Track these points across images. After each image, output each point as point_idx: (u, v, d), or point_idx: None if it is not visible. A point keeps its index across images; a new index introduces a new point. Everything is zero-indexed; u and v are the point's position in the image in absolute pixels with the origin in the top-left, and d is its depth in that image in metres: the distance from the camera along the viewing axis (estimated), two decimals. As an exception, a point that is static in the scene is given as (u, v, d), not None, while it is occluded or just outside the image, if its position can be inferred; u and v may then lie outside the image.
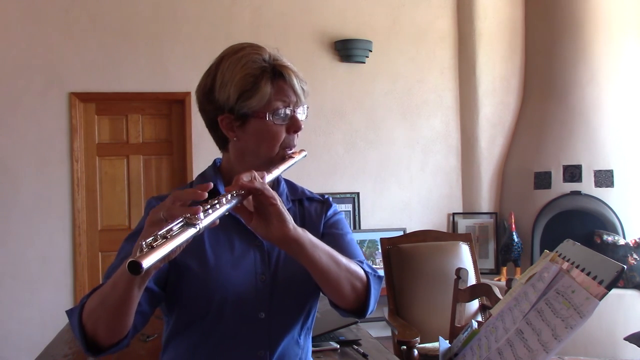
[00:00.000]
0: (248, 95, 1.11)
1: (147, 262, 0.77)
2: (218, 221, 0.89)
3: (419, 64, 4.80)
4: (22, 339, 3.96)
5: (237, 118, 1.13)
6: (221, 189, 1.18)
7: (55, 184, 4.16)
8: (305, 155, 1.21)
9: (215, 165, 1.25)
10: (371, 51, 4.62)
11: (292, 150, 1.17)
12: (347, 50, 4.55)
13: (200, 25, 4.34)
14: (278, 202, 0.99)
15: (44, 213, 4.13)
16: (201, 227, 0.85)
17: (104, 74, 4.24)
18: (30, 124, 4.13)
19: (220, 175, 1.21)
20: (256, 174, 1.01)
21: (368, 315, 1.18)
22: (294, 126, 1.15)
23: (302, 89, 1.16)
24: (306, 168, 4.54)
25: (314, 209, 1.28)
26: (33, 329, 3.95)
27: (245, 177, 0.98)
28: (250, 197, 0.99)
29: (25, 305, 4.04)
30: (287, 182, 1.30)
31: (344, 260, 1.11)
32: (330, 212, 1.28)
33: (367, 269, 1.17)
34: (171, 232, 0.82)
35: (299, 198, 1.28)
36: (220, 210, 0.91)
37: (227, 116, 1.14)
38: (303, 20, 4.58)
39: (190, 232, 0.84)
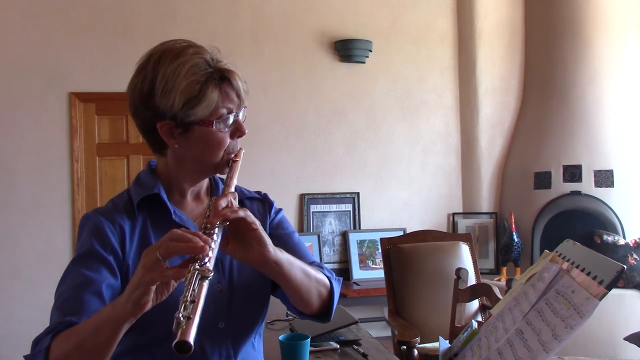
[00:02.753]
0: (194, 103, 1.05)
1: (192, 336, 0.75)
2: None
3: (419, 64, 4.80)
4: (22, 339, 3.95)
5: (179, 125, 1.07)
6: (163, 195, 1.14)
7: (55, 184, 4.16)
8: (244, 153, 1.17)
9: (150, 168, 1.19)
10: (371, 51, 4.62)
11: (234, 153, 1.14)
12: (347, 50, 4.55)
13: (200, 25, 4.34)
14: (258, 226, 0.98)
15: (44, 213, 4.13)
16: (211, 276, 0.83)
17: (104, 74, 4.24)
18: (30, 124, 4.13)
19: (159, 181, 1.15)
20: (231, 198, 0.99)
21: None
22: (238, 131, 1.12)
23: (245, 90, 1.12)
24: (306, 168, 4.54)
25: (256, 209, 1.26)
26: (33, 329, 3.93)
27: (223, 202, 0.96)
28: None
29: (25, 305, 4.04)
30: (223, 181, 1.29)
31: (312, 271, 1.12)
32: (273, 212, 1.27)
33: (327, 274, 1.19)
34: (193, 294, 0.80)
35: (239, 199, 1.25)
36: (216, 249, 0.90)
37: (167, 123, 1.07)
38: (303, 20, 4.58)
39: (206, 284, 0.82)
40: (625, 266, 0.89)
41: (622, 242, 4.10)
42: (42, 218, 4.12)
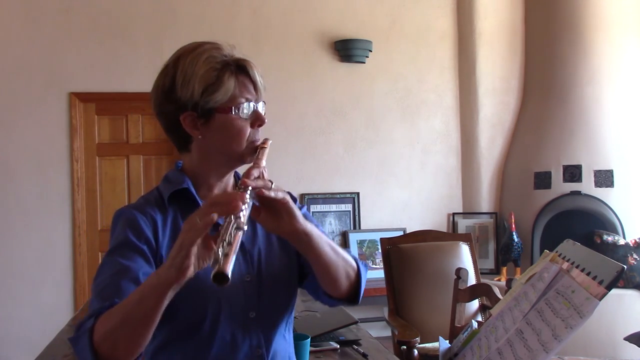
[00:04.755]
0: (213, 90, 1.09)
1: (229, 269, 0.81)
2: None
3: (419, 64, 4.80)
4: (22, 339, 3.96)
5: (201, 115, 1.11)
6: (192, 189, 1.16)
7: (55, 184, 4.16)
8: (271, 143, 1.19)
9: (177, 168, 1.23)
10: (371, 51, 4.62)
11: (261, 140, 1.16)
12: (347, 50, 4.55)
13: (200, 25, 4.34)
14: (288, 200, 1.02)
15: (44, 213, 4.13)
16: (245, 229, 0.89)
17: (104, 74, 4.24)
18: (30, 124, 4.13)
19: (187, 179, 1.18)
20: (263, 170, 1.04)
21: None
22: (258, 120, 1.14)
23: (262, 84, 1.16)
24: (306, 168, 4.54)
25: None
26: (33, 329, 3.95)
27: (255, 172, 1.01)
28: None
29: (25, 305, 4.04)
30: None
31: (339, 249, 1.15)
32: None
33: (354, 256, 1.22)
34: (230, 237, 0.86)
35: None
36: (248, 209, 0.95)
37: (190, 114, 1.12)
38: (303, 20, 4.58)
39: (240, 235, 0.88)
40: (625, 266, 0.89)
41: (622, 242, 4.10)
42: (42, 218, 4.12)
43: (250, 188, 0.96)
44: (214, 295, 1.10)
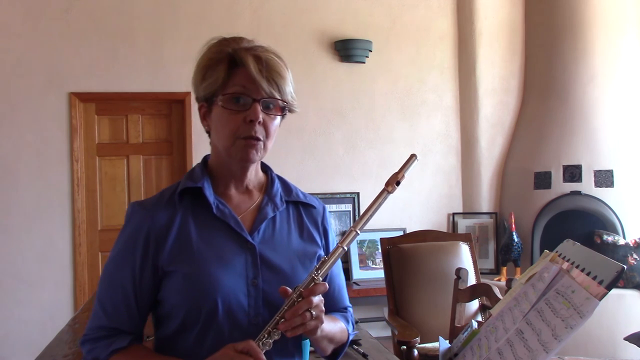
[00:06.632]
0: (205, 78, 1.10)
1: None
2: None
3: (419, 64, 4.80)
4: (22, 339, 3.96)
5: (206, 104, 1.13)
6: (208, 192, 1.13)
7: (55, 184, 4.16)
8: (416, 158, 1.20)
9: (204, 161, 1.21)
10: (371, 51, 4.62)
11: (252, 136, 1.10)
12: (347, 50, 4.55)
13: (200, 25, 4.34)
14: (316, 328, 1.05)
15: (44, 213, 4.13)
16: None
17: (104, 74, 4.24)
18: (30, 124, 4.13)
19: (207, 175, 1.16)
20: (319, 301, 1.05)
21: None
22: (250, 115, 1.07)
23: (274, 80, 1.11)
24: (306, 168, 4.54)
25: (312, 220, 1.27)
26: (33, 329, 3.95)
27: (305, 307, 1.03)
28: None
29: (25, 305, 4.04)
30: (281, 180, 1.28)
31: (338, 335, 1.19)
32: (326, 224, 1.29)
33: (349, 328, 1.25)
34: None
35: (293, 200, 1.26)
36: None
37: (201, 105, 1.14)
38: (303, 20, 4.58)
39: None
40: (625, 266, 0.89)
41: (622, 242, 4.10)
42: (42, 218, 4.12)
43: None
44: (209, 298, 1.07)
